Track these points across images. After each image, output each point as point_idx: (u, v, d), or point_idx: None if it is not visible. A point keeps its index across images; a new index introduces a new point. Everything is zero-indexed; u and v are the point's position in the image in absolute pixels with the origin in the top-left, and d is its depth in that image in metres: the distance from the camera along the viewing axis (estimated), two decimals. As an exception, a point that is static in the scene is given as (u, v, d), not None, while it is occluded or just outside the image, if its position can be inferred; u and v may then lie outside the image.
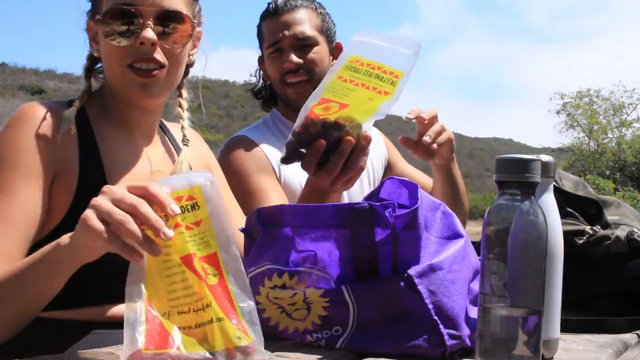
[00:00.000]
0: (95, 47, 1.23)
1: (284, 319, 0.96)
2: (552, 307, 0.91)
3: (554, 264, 0.90)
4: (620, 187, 17.50)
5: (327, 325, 0.93)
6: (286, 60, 1.81)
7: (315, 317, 0.94)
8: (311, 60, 1.82)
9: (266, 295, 0.97)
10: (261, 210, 1.02)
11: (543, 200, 0.91)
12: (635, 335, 1.13)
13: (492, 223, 0.79)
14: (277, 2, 1.84)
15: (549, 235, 0.81)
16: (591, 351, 0.98)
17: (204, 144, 1.45)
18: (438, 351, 0.88)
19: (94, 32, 1.23)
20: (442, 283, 0.90)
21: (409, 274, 0.89)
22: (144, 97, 1.20)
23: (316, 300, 0.93)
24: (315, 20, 1.86)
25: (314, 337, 0.94)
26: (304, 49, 1.82)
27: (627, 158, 19.14)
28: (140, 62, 1.16)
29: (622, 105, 21.58)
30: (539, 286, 0.79)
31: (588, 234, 1.28)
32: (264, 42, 1.88)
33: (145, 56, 1.16)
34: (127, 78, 1.17)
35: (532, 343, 0.78)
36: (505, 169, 0.80)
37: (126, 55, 1.16)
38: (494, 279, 0.78)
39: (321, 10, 1.89)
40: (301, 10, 1.85)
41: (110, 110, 1.24)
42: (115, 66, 1.18)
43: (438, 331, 0.88)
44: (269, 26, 1.85)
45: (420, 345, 0.88)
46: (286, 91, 1.84)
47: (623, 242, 1.26)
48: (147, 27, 1.14)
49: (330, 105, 1.21)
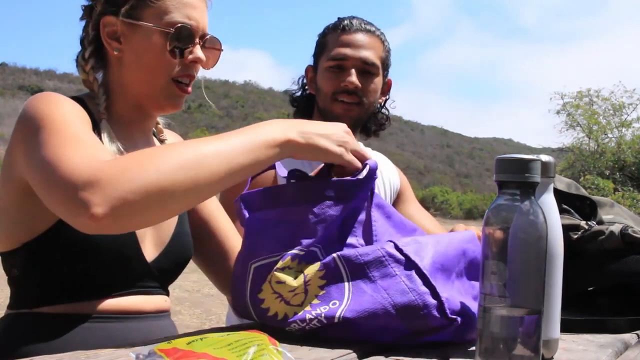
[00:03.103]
0: (116, 46, 1.21)
1: (282, 308, 0.97)
2: (552, 307, 0.91)
3: (554, 264, 0.90)
4: (620, 187, 17.51)
5: (325, 300, 0.95)
6: (345, 79, 1.81)
7: (312, 298, 0.95)
8: (368, 88, 1.84)
9: (269, 281, 0.98)
10: (244, 196, 1.05)
11: (543, 200, 0.91)
12: (635, 335, 1.14)
13: (492, 223, 0.79)
14: (352, 21, 1.86)
15: (549, 235, 0.81)
16: (591, 351, 0.98)
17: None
18: (433, 303, 0.90)
19: (112, 29, 1.21)
20: (423, 249, 0.95)
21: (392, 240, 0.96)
22: (175, 108, 1.25)
23: (314, 277, 0.96)
24: (381, 51, 1.87)
25: (314, 315, 0.94)
26: (366, 74, 1.83)
27: (627, 158, 19.15)
28: (184, 77, 1.23)
29: (622, 106, 21.59)
30: (539, 286, 0.79)
31: (583, 228, 1.28)
32: (324, 53, 1.87)
33: (191, 72, 1.23)
34: (170, 91, 1.21)
35: (532, 343, 0.78)
36: (505, 169, 0.81)
37: (175, 69, 1.21)
38: (494, 279, 0.78)
39: (387, 44, 1.91)
40: (373, 37, 1.86)
41: (111, 109, 1.24)
42: (159, 77, 1.20)
43: (430, 285, 0.91)
44: (336, 41, 1.85)
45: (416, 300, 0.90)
46: (334, 107, 1.84)
47: (617, 237, 1.26)
48: (198, 45, 1.22)
49: None
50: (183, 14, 1.20)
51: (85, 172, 0.90)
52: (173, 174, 0.90)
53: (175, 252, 1.24)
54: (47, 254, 1.11)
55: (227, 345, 0.70)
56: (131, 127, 1.25)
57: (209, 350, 0.68)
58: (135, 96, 1.23)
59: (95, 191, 0.87)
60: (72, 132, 1.02)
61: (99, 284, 1.14)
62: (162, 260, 1.22)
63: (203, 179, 0.93)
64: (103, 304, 1.14)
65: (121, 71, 1.23)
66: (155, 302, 1.22)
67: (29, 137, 1.04)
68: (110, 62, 1.24)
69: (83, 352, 0.85)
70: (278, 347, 0.74)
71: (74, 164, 0.92)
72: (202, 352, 0.68)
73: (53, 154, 0.96)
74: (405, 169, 51.01)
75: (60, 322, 1.11)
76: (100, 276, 1.13)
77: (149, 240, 1.20)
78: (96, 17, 1.22)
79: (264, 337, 0.75)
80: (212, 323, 6.52)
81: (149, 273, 1.19)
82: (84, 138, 1.02)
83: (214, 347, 0.69)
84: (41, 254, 1.12)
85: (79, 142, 0.99)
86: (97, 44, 1.24)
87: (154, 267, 1.20)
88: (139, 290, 1.19)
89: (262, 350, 0.70)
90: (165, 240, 1.23)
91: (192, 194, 0.94)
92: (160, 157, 0.92)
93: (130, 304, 1.17)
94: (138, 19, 1.19)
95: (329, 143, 1.04)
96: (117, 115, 1.24)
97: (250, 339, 0.72)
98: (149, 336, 1.14)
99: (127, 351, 0.84)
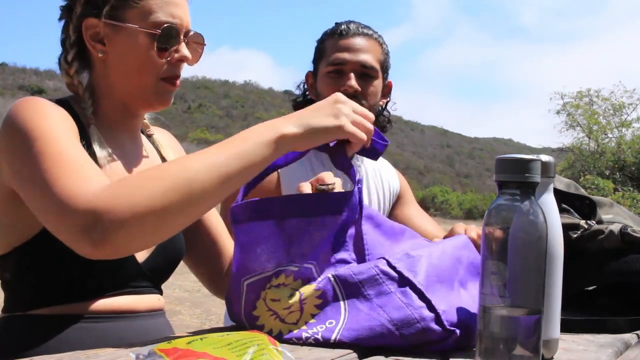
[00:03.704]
0: (100, 48, 1.20)
1: (277, 325, 0.96)
2: (552, 307, 0.91)
3: (554, 264, 0.90)
4: (620, 187, 17.50)
5: (321, 320, 0.94)
6: (345, 84, 1.81)
7: (308, 316, 0.95)
8: (368, 91, 1.84)
9: (263, 298, 0.98)
10: (233, 208, 1.04)
11: (543, 200, 0.91)
12: (635, 335, 1.14)
13: (492, 223, 0.79)
14: (350, 25, 1.86)
15: (549, 235, 0.81)
16: (591, 351, 0.98)
17: (177, 143, 1.46)
18: (429, 316, 0.90)
19: (94, 31, 1.19)
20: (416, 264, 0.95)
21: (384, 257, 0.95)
22: (164, 105, 1.23)
23: (310, 296, 0.95)
24: (379, 54, 1.88)
25: (310, 334, 0.94)
26: (365, 78, 1.84)
27: (627, 158, 19.14)
28: (171, 77, 1.21)
29: (622, 106, 21.59)
30: (539, 286, 0.79)
31: (583, 228, 1.28)
32: (323, 59, 1.88)
33: (177, 72, 1.22)
34: (159, 89, 1.20)
35: (532, 343, 0.78)
36: (505, 169, 0.81)
37: (162, 69, 1.19)
38: (494, 279, 0.78)
39: (385, 47, 1.91)
40: (371, 40, 1.87)
41: (97, 111, 1.22)
42: (147, 78, 1.19)
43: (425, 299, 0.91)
44: (334, 46, 1.85)
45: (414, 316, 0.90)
46: None
47: (617, 237, 1.26)
48: (183, 44, 1.21)
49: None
50: (167, 13, 1.18)
51: (82, 203, 0.90)
52: (166, 197, 0.90)
53: (166, 252, 1.24)
54: (38, 257, 1.11)
55: (227, 345, 0.70)
56: (118, 127, 1.24)
57: (209, 350, 0.68)
58: (122, 97, 1.22)
59: (93, 223, 0.88)
60: (63, 149, 1.01)
61: (91, 286, 1.14)
62: (153, 260, 1.22)
63: (197, 195, 0.93)
64: (95, 305, 1.14)
65: (106, 73, 1.21)
66: (148, 301, 1.22)
67: (16, 149, 1.03)
68: (95, 64, 1.22)
69: (83, 352, 0.85)
70: (278, 347, 0.73)
71: (68, 194, 0.92)
72: (202, 351, 0.68)
73: (46, 179, 0.96)
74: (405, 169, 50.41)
75: (55, 323, 1.11)
76: (91, 278, 1.13)
77: None
78: (77, 19, 1.20)
79: (263, 337, 0.75)
80: (212, 323, 6.51)
81: (140, 273, 1.20)
82: (75, 157, 1.00)
83: (213, 347, 0.69)
84: (32, 258, 1.12)
85: (70, 163, 0.98)
86: (79, 47, 1.22)
87: (146, 267, 1.20)
88: (131, 290, 1.19)
89: (262, 350, 0.70)
90: None
91: (190, 211, 0.94)
92: (152, 181, 0.92)
93: (122, 303, 1.17)
94: (122, 20, 1.17)
95: (324, 119, 1.00)
96: (104, 117, 1.23)
97: (250, 339, 0.72)
98: (143, 335, 1.15)
99: (127, 351, 0.84)
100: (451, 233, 1.47)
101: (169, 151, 1.37)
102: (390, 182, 2.04)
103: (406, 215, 2.03)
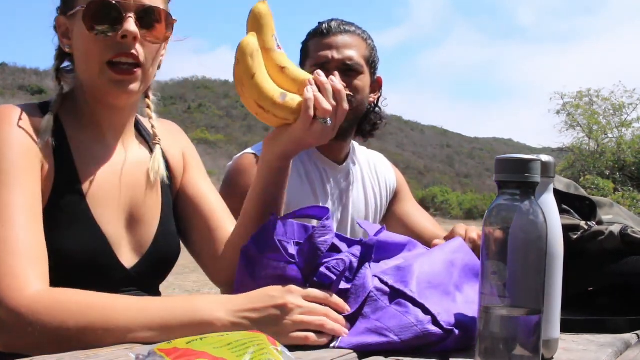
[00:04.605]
0: (67, 43, 1.19)
1: None
2: (552, 307, 0.91)
3: (554, 264, 0.90)
4: (620, 187, 17.50)
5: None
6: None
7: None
8: (354, 86, 1.83)
9: None
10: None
11: (543, 200, 0.91)
12: (635, 335, 1.13)
13: (492, 223, 0.79)
14: (331, 24, 1.86)
15: (549, 235, 0.81)
16: (591, 351, 0.98)
17: (180, 132, 1.43)
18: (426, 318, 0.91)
19: (64, 28, 1.19)
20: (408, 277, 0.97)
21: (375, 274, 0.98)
22: (120, 94, 1.17)
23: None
24: (364, 50, 1.87)
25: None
26: (350, 74, 1.83)
27: (627, 158, 19.15)
28: (120, 57, 1.14)
29: (622, 106, 21.60)
30: (539, 286, 0.79)
31: (583, 229, 1.28)
32: (308, 59, 1.88)
33: (126, 50, 1.14)
34: (105, 76, 1.15)
35: (532, 343, 0.78)
36: (505, 169, 0.81)
37: (106, 50, 1.14)
38: (494, 279, 0.78)
39: (370, 42, 1.91)
40: (353, 36, 1.86)
41: (81, 112, 1.21)
42: (92, 63, 1.15)
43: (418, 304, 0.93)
44: (317, 45, 1.86)
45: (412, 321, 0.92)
46: None
47: (617, 238, 1.26)
48: (128, 19, 1.13)
49: None
50: None
51: (9, 303, 0.94)
52: (84, 333, 0.92)
53: (157, 255, 1.24)
54: None
55: (226, 345, 0.70)
56: (103, 127, 1.22)
57: (208, 350, 0.68)
58: (89, 91, 1.20)
59: (14, 323, 0.94)
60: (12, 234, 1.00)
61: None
62: (143, 265, 1.21)
63: (115, 337, 0.93)
64: None
65: (76, 68, 1.21)
66: None
67: None
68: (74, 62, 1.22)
69: (83, 352, 0.85)
70: (278, 347, 0.73)
71: (5, 286, 0.95)
72: (201, 351, 0.68)
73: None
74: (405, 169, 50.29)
75: None
76: (79, 284, 1.13)
77: (126, 247, 1.20)
78: (54, 21, 1.22)
79: (263, 337, 0.75)
80: (212, 323, 6.50)
81: (128, 278, 1.19)
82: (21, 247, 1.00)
83: (213, 346, 0.69)
84: None
85: (15, 256, 0.99)
86: (61, 50, 1.23)
87: (135, 272, 1.20)
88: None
89: (262, 350, 0.70)
90: (146, 245, 1.23)
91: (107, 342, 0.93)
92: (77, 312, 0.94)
93: None
94: (73, 7, 1.16)
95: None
96: (88, 116, 1.22)
97: (250, 339, 0.72)
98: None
99: (127, 351, 0.84)
100: (451, 234, 1.47)
101: (170, 143, 1.35)
102: (387, 178, 2.04)
103: (404, 212, 2.03)
